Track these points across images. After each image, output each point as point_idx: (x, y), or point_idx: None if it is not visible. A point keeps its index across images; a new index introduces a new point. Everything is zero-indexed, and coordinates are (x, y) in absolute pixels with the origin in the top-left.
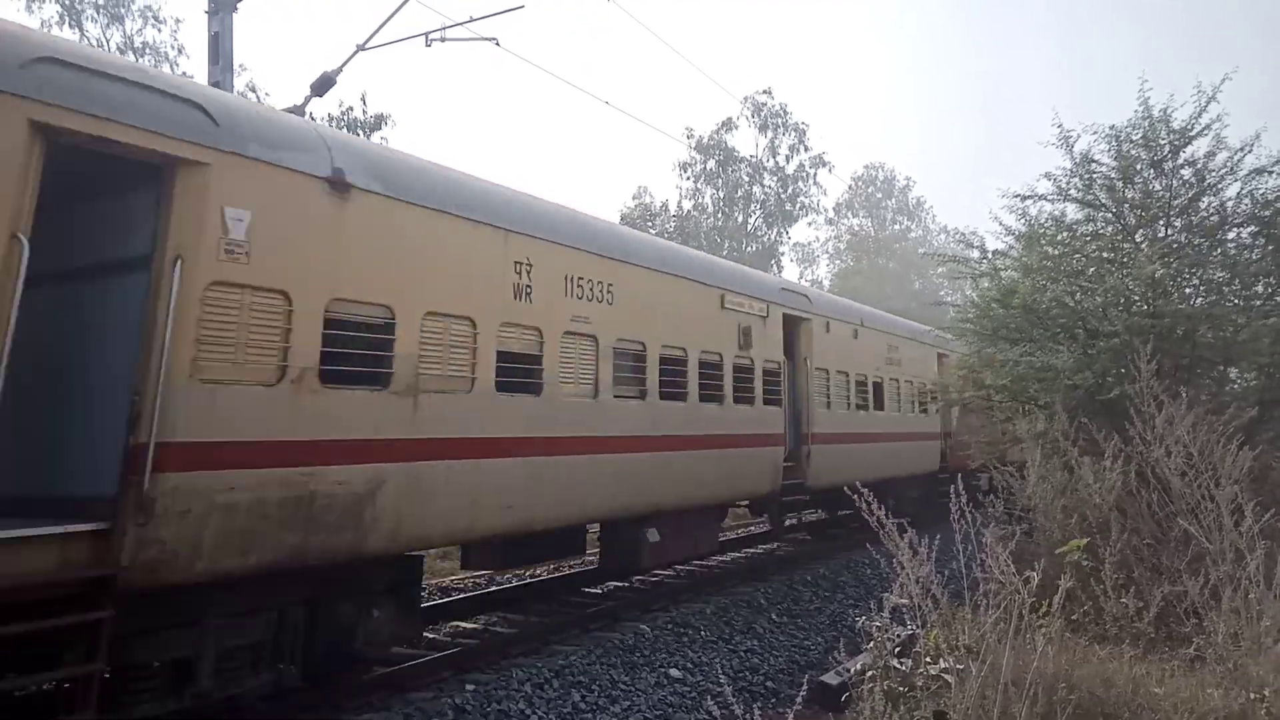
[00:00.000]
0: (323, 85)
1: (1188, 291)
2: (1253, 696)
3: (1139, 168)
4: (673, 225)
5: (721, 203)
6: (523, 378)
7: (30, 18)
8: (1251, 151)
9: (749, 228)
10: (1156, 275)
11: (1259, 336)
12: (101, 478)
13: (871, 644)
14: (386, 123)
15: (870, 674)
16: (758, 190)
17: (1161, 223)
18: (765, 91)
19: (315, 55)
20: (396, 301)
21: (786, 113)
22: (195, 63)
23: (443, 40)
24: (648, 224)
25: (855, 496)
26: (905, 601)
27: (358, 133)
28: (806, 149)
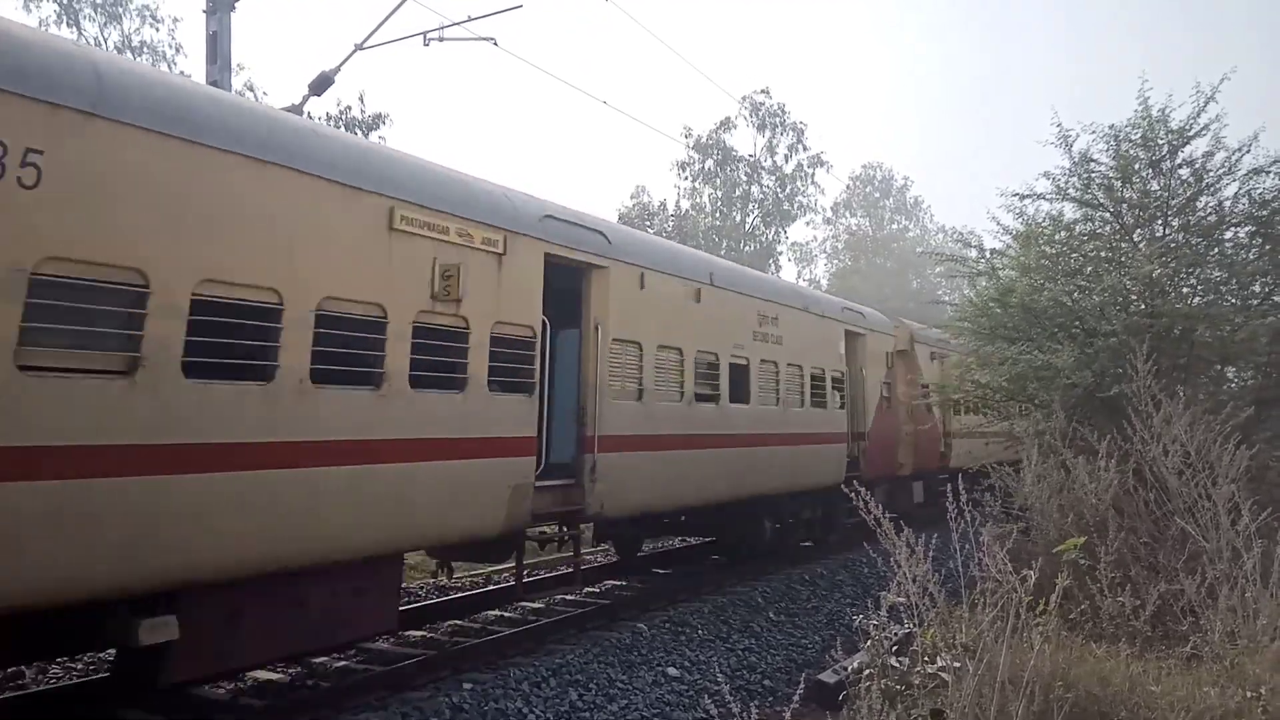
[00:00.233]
0: (321, 84)
1: (1185, 291)
2: (1249, 695)
3: (1137, 167)
4: (671, 225)
5: (719, 202)
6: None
7: (29, 16)
8: (1249, 151)
9: (747, 227)
10: (1154, 275)
11: (1256, 335)
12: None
13: (869, 642)
14: (385, 122)
15: (867, 672)
16: (756, 190)
17: (1159, 222)
18: (763, 91)
19: (313, 54)
20: None
21: (784, 112)
22: (193, 62)
23: (441, 40)
24: (646, 223)
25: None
26: (902, 600)
27: (355, 131)
28: (805, 149)
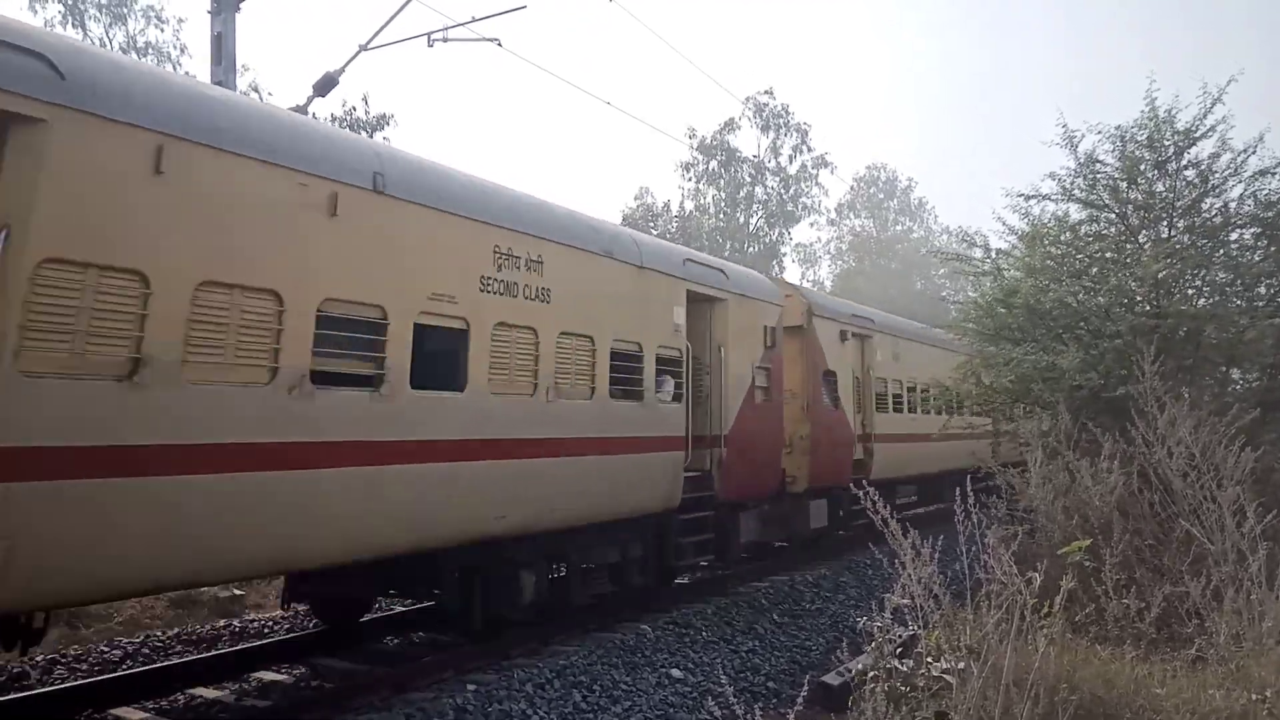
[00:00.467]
0: (325, 85)
1: (1190, 293)
2: (1254, 697)
3: (1143, 168)
4: (675, 226)
5: (724, 203)
6: None
7: (35, 17)
8: (1255, 153)
9: (751, 228)
10: (1160, 276)
11: (1264, 336)
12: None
13: (873, 644)
14: (389, 123)
15: (872, 674)
16: (760, 191)
17: (1164, 224)
18: (767, 92)
19: (318, 55)
20: None
21: (789, 113)
22: (198, 63)
23: (445, 41)
24: (650, 224)
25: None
26: (907, 602)
27: (360, 132)
28: (809, 149)
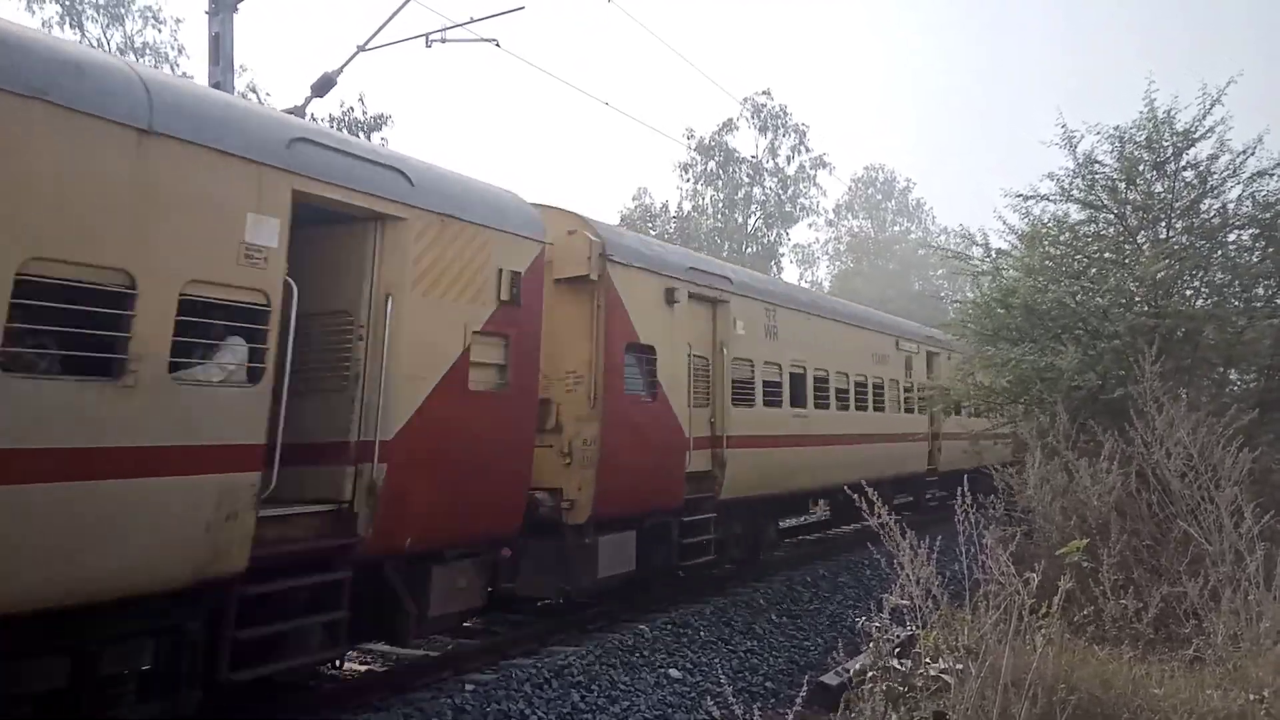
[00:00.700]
0: (323, 86)
1: (1188, 293)
2: (1252, 698)
3: (1141, 169)
4: (673, 226)
5: (722, 204)
6: None
7: (32, 18)
8: (1254, 154)
9: (749, 229)
10: (1158, 277)
11: (1262, 337)
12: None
13: (871, 644)
14: (386, 123)
15: (870, 674)
16: (758, 191)
17: (1163, 224)
18: (765, 92)
19: (316, 56)
20: None
21: (787, 114)
22: (196, 63)
23: (443, 41)
24: (648, 225)
25: None
26: (905, 602)
27: (357, 133)
28: (807, 150)
